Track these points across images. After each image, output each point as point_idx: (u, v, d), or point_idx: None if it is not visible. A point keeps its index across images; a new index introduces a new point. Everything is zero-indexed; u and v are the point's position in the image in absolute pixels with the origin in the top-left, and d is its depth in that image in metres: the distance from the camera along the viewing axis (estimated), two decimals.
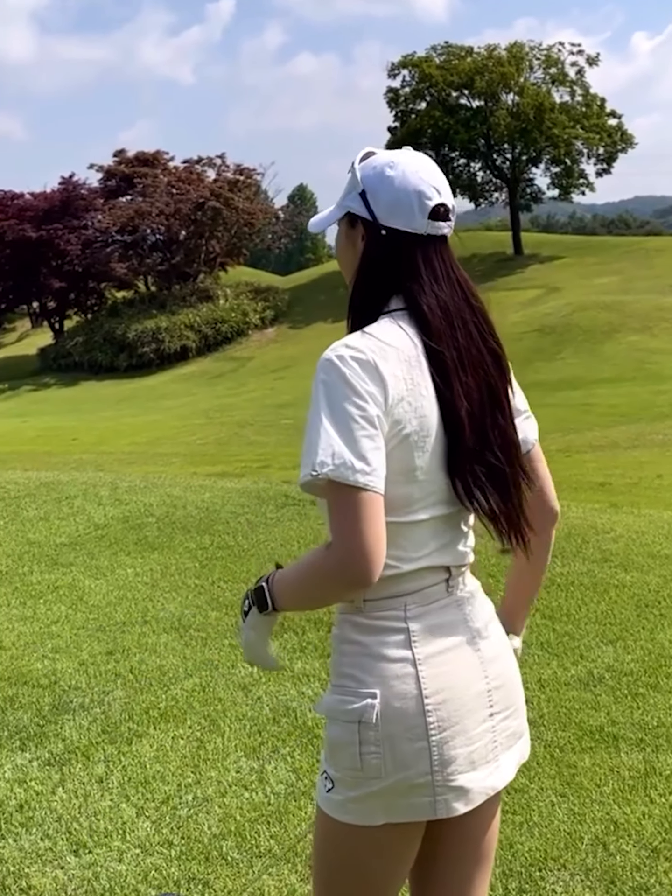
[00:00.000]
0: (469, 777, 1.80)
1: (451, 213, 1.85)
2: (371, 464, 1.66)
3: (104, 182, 50.00)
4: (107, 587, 5.94)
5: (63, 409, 30.76)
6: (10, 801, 3.55)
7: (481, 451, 1.81)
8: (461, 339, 1.82)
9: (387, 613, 1.79)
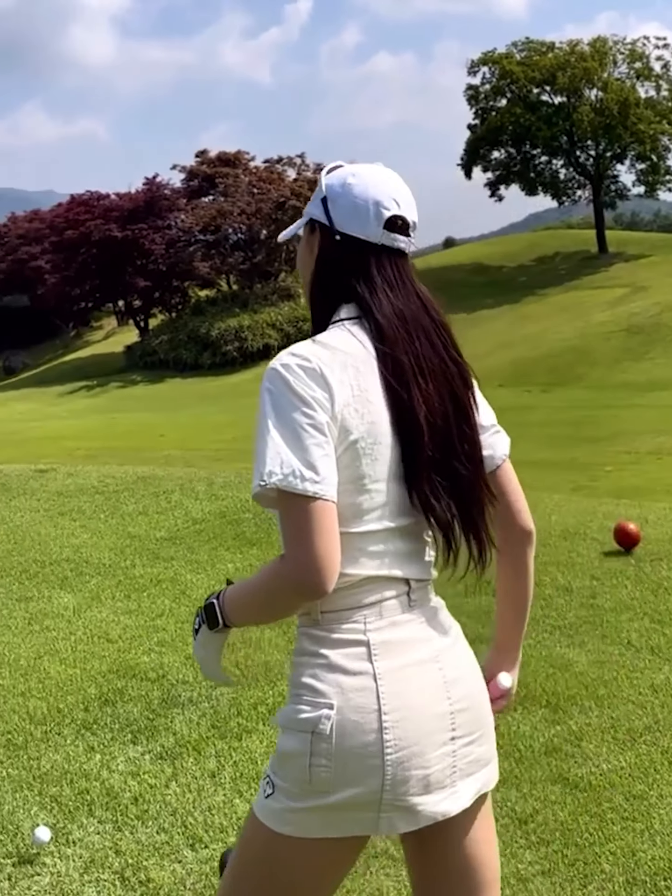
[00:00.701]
0: (420, 799, 1.74)
1: (410, 230, 1.83)
2: (320, 472, 1.63)
3: (187, 182, 50.62)
4: (208, 581, 5.97)
5: (149, 405, 31.16)
6: (124, 793, 3.57)
7: (444, 459, 1.77)
8: (420, 347, 1.78)
9: (346, 626, 1.75)
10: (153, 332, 45.25)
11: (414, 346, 1.77)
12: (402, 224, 1.81)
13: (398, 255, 1.82)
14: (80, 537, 7.19)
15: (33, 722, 4.16)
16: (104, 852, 3.21)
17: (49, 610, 5.60)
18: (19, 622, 5.43)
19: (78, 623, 5.35)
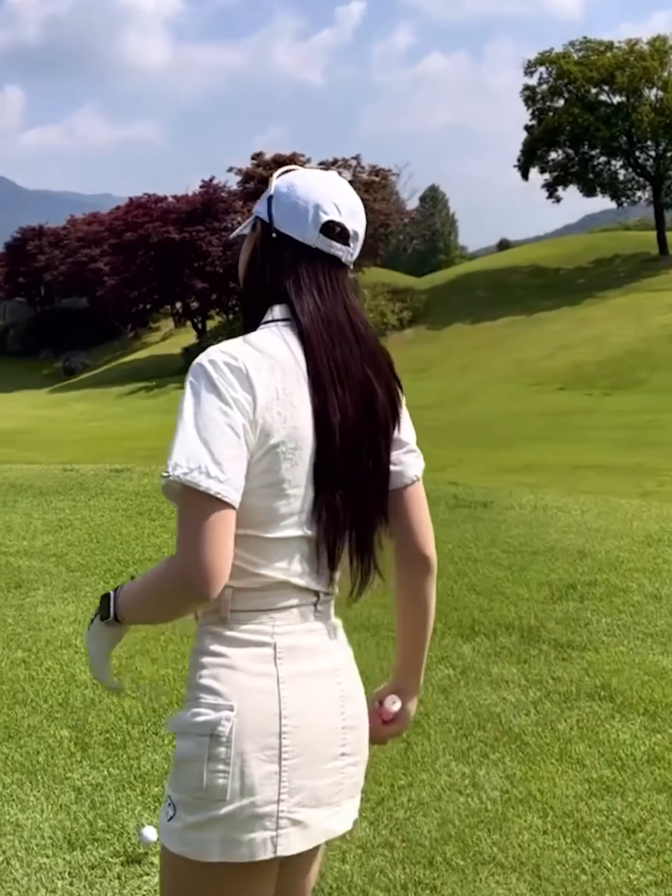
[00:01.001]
0: (312, 813, 1.70)
1: (350, 239, 1.80)
2: (226, 472, 1.60)
3: (243, 185, 50.85)
4: None
5: None
6: None
7: (349, 471, 1.75)
8: (340, 355, 1.76)
9: (254, 626, 1.73)
10: (210, 333, 45.43)
11: (334, 353, 1.76)
12: (340, 231, 1.78)
13: (332, 262, 1.80)
14: (161, 537, 7.23)
15: (130, 721, 4.19)
16: None
17: None
18: None
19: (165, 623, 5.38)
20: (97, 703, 4.39)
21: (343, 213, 1.79)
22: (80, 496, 8.40)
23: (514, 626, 5.09)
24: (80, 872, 3.13)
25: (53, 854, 3.24)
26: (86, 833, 3.35)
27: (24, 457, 14.44)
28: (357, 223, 1.82)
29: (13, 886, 3.07)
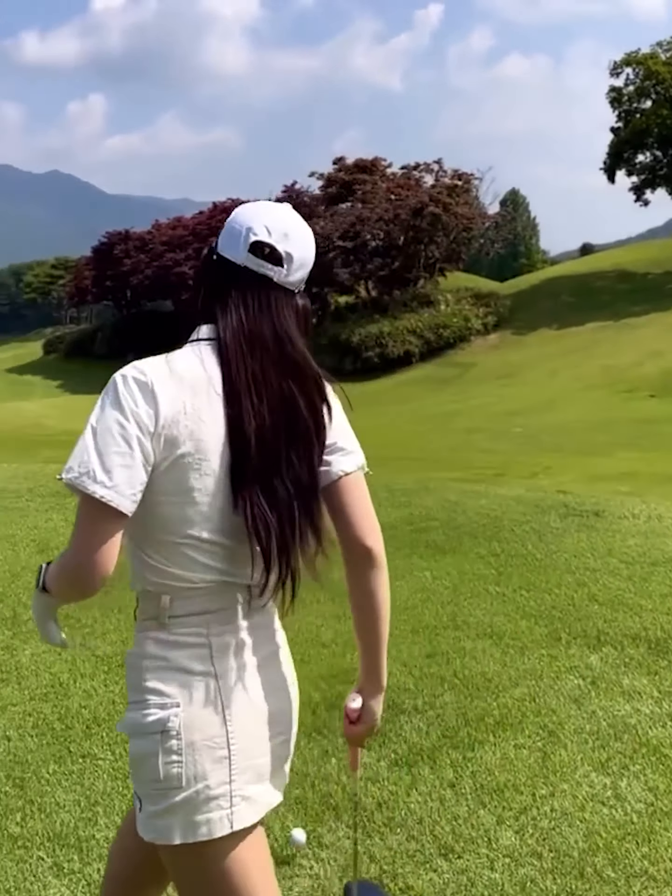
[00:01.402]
0: (256, 789, 1.91)
1: (284, 261, 1.89)
2: (114, 479, 1.74)
3: (325, 189, 51.08)
4: (408, 589, 5.98)
5: None
6: (367, 798, 3.59)
7: (268, 477, 1.86)
8: (259, 368, 1.86)
9: (190, 630, 1.89)
10: None
11: (252, 366, 1.86)
12: (269, 252, 1.88)
13: (263, 282, 1.90)
14: None
15: None
16: (358, 857, 3.23)
17: None
18: None
19: (289, 627, 5.40)
20: None
21: (273, 235, 1.89)
22: None
23: (641, 638, 5.02)
24: None
25: None
26: None
27: None
28: (291, 246, 1.90)
29: None
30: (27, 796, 3.64)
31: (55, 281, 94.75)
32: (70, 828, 3.43)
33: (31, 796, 3.65)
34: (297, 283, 1.96)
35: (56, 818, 3.50)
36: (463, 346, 38.77)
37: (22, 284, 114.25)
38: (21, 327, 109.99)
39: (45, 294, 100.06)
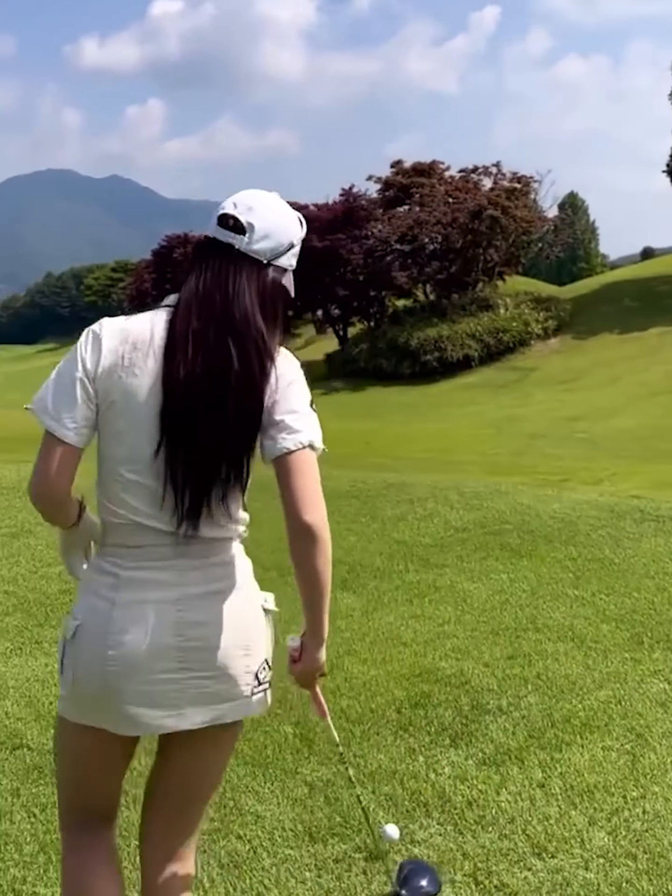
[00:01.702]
0: (141, 710, 2.11)
1: (247, 231, 2.09)
2: (60, 414, 2.05)
3: (382, 192, 51.01)
4: (486, 591, 5.98)
5: (352, 413, 31.44)
6: (456, 797, 3.59)
7: (193, 425, 2.05)
8: (199, 326, 2.06)
9: (108, 559, 2.15)
10: (352, 340, 45.73)
11: (194, 322, 2.06)
12: (234, 223, 2.09)
13: (226, 251, 2.10)
14: (348, 539, 7.31)
15: (350, 721, 4.25)
16: (451, 854, 3.24)
17: (337, 610, 5.71)
18: None
19: (368, 625, 5.45)
20: None
21: (238, 207, 2.12)
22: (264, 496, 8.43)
23: None
24: (326, 865, 3.19)
25: (297, 846, 3.31)
26: (325, 827, 3.41)
27: None
28: (254, 217, 2.10)
29: (263, 875, 3.15)
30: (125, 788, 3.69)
31: (115, 284, 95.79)
32: None
33: (127, 787, 3.69)
34: (266, 253, 2.13)
35: None
36: (523, 350, 38.41)
37: (83, 287, 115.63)
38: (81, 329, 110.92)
39: (106, 297, 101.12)
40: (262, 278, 2.13)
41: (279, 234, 2.15)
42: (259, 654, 2.22)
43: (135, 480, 2.09)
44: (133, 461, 2.08)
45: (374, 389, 37.42)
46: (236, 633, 2.16)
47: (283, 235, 2.17)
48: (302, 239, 2.27)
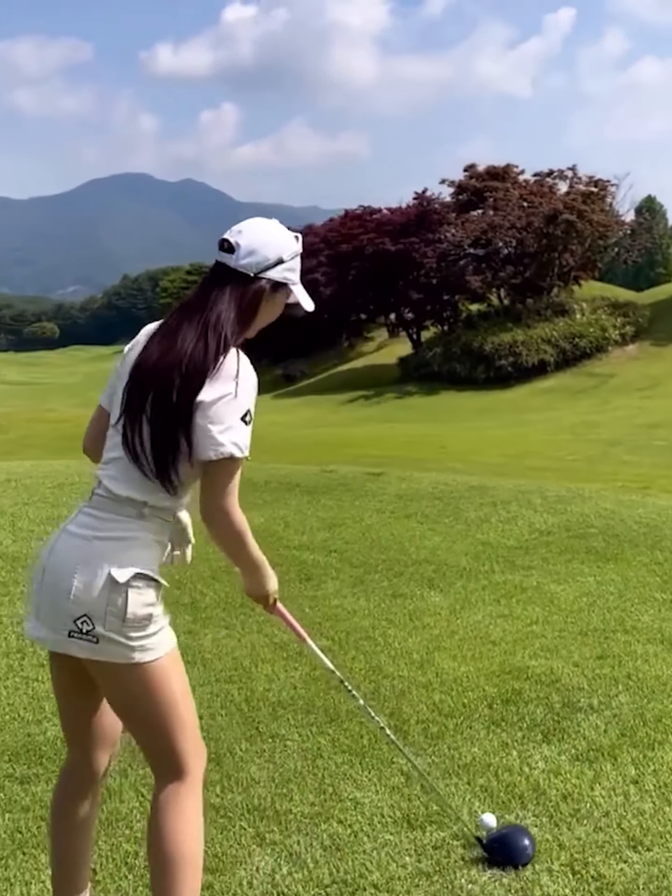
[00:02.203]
0: (31, 624, 2.54)
1: (235, 250, 2.47)
2: (105, 390, 2.64)
3: (456, 196, 50.84)
4: (573, 593, 6.01)
5: (425, 416, 31.52)
6: (551, 790, 3.65)
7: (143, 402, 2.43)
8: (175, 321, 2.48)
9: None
10: (426, 344, 45.72)
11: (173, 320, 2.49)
12: (227, 245, 2.47)
13: (221, 268, 2.49)
14: (432, 540, 7.39)
15: (442, 714, 4.33)
16: (548, 845, 3.31)
17: (425, 608, 5.81)
18: (400, 617, 5.66)
19: (456, 623, 5.52)
20: (406, 693, 4.56)
21: (232, 232, 2.50)
22: (346, 496, 8.69)
23: None
24: (426, 851, 3.28)
25: (396, 832, 3.40)
26: (423, 815, 3.50)
27: (262, 458, 14.95)
28: (241, 238, 2.47)
29: (365, 858, 3.24)
30: (224, 771, 3.83)
31: (190, 286, 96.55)
32: (267, 802, 3.61)
33: (228, 771, 3.83)
34: (252, 267, 2.48)
35: (253, 792, 3.68)
36: (600, 356, 38.05)
37: (158, 289, 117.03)
38: None
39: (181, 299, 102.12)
40: (246, 289, 2.49)
41: (264, 251, 2.48)
42: (84, 606, 2.41)
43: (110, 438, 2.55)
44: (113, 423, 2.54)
45: (448, 393, 37.36)
46: (77, 576, 2.42)
47: (269, 251, 2.49)
48: (297, 255, 2.57)
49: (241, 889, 3.08)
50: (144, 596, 2.44)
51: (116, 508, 2.47)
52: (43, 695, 4.58)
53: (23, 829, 3.44)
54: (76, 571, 2.42)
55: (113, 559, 2.42)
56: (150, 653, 2.45)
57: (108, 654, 2.42)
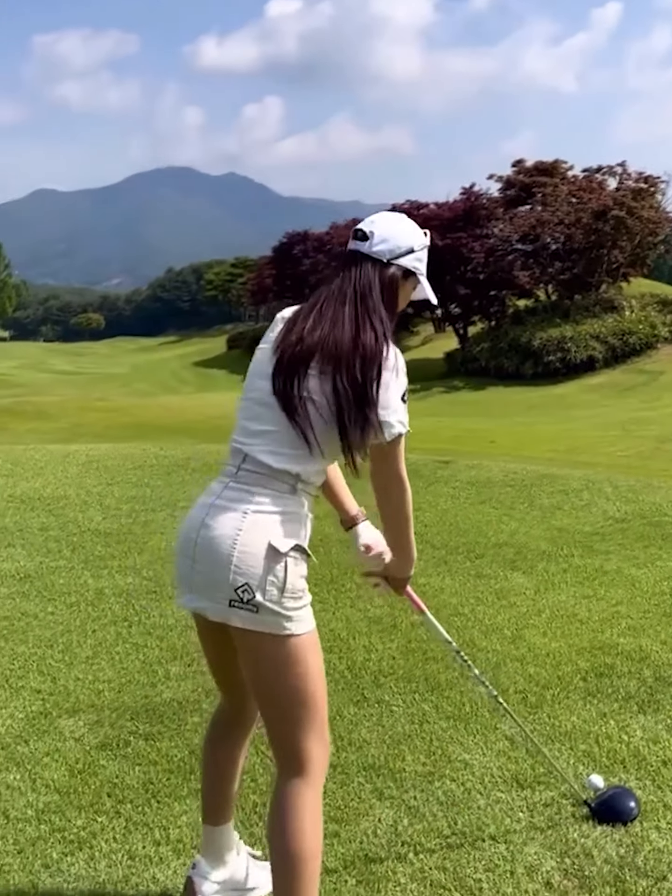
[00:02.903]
0: (182, 598, 2.63)
1: (368, 238, 2.60)
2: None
3: (504, 191, 50.80)
4: (654, 577, 6.15)
5: (473, 411, 31.57)
6: (651, 756, 3.81)
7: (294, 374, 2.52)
8: (321, 300, 2.57)
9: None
10: (473, 339, 45.75)
11: (314, 299, 2.59)
12: (361, 234, 2.62)
13: (356, 254, 2.62)
14: (509, 524, 7.55)
15: (539, 685, 4.50)
16: (653, 805, 3.47)
17: (509, 588, 5.97)
18: (487, 595, 5.83)
19: (542, 602, 5.68)
20: (502, 665, 4.73)
21: (366, 222, 2.66)
22: (419, 482, 8.85)
23: None
24: (537, 808, 3.45)
25: (507, 790, 3.57)
26: (531, 776, 3.67)
27: None
28: (375, 227, 2.62)
29: (480, 814, 3.41)
30: (336, 732, 4.00)
31: (234, 279, 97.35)
32: (381, 761, 3.79)
33: (340, 732, 4.02)
34: (385, 254, 2.61)
35: (366, 752, 3.86)
36: (650, 353, 37.89)
37: (202, 282, 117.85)
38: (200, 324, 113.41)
39: (226, 292, 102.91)
40: (383, 273, 2.61)
41: (395, 239, 2.63)
42: (245, 575, 2.47)
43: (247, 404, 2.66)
44: (253, 389, 2.63)
45: (496, 389, 37.37)
46: (231, 546, 2.49)
47: (400, 240, 2.64)
48: (426, 247, 2.74)
49: (367, 838, 3.26)
50: (300, 567, 2.52)
51: (268, 483, 2.52)
52: (154, 660, 4.81)
53: (154, 781, 3.65)
54: (236, 542, 2.47)
55: (272, 531, 2.48)
56: (301, 624, 2.51)
57: (265, 625, 2.47)
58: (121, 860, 3.15)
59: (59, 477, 9.72)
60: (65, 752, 3.86)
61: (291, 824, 2.52)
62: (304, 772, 2.57)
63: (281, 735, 2.60)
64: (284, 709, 2.56)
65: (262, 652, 2.52)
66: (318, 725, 2.60)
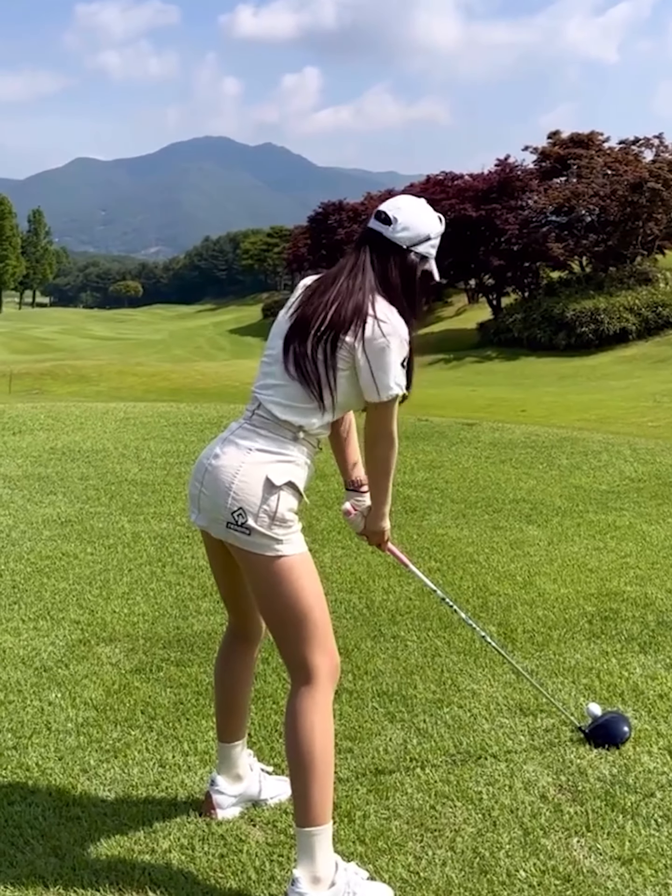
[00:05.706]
0: (192, 515, 2.93)
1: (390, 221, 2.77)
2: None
3: (539, 163, 50.49)
4: (665, 532, 6.39)
5: (505, 381, 31.68)
6: (648, 691, 4.07)
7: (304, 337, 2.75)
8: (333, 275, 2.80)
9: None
10: (506, 310, 45.68)
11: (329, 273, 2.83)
12: (384, 217, 2.78)
13: (378, 236, 2.81)
14: (528, 482, 7.81)
15: (546, 626, 4.76)
16: (647, 733, 3.74)
17: (524, 539, 6.24)
18: (502, 545, 6.11)
19: (555, 553, 5.94)
20: (513, 608, 5.00)
21: (389, 206, 2.83)
22: (443, 442, 9.12)
23: None
24: (538, 733, 3.72)
25: (511, 717, 3.84)
26: (534, 705, 3.93)
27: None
28: (399, 213, 2.79)
29: (485, 736, 3.69)
30: (353, 662, 4.30)
31: (270, 249, 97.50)
32: (394, 688, 4.07)
33: (357, 663, 4.31)
34: (405, 241, 2.79)
35: (381, 681, 4.15)
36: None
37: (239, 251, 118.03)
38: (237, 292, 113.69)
39: (262, 261, 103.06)
40: (401, 259, 2.80)
41: (417, 228, 2.81)
42: (240, 501, 2.74)
43: (264, 360, 2.91)
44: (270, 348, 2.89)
45: (528, 359, 37.37)
46: (236, 477, 2.76)
47: (421, 229, 2.82)
48: (440, 234, 2.89)
49: (378, 754, 3.54)
50: (290, 501, 2.80)
51: (274, 429, 2.79)
52: (185, 596, 5.12)
53: (184, 701, 3.95)
54: (238, 472, 2.75)
55: (270, 468, 2.75)
56: (291, 546, 2.76)
57: (257, 546, 2.73)
58: (152, 767, 3.45)
59: (98, 431, 10.15)
60: (102, 675, 4.18)
61: (303, 725, 2.77)
62: (310, 680, 2.78)
63: (286, 648, 2.83)
64: (285, 624, 2.80)
65: (257, 571, 2.78)
66: (320, 638, 2.80)
